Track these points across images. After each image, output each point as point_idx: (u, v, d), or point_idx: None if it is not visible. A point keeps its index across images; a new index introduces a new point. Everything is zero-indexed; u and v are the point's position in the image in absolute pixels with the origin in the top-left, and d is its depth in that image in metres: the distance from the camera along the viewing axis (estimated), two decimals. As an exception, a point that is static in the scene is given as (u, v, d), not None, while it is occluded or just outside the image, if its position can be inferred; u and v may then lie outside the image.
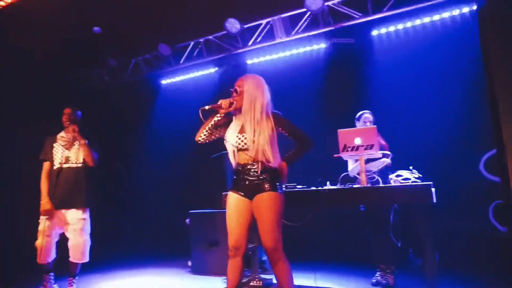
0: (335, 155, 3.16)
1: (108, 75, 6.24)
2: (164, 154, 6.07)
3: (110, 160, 6.16)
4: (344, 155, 3.14)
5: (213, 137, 2.56)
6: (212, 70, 6.06)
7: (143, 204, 6.21)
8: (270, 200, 2.31)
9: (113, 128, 6.22)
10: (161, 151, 6.08)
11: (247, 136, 2.37)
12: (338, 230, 4.77)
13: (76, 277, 3.53)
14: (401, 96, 4.67)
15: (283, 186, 2.44)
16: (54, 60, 5.20)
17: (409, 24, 4.81)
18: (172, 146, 5.95)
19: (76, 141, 3.54)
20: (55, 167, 3.49)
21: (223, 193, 3.68)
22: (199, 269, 4.52)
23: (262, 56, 5.69)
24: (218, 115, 2.48)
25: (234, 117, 2.50)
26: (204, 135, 2.53)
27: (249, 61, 5.81)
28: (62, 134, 3.61)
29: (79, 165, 3.53)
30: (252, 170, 2.37)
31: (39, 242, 3.36)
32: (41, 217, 3.40)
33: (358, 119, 3.78)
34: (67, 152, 3.52)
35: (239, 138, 2.41)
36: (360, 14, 4.57)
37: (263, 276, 3.83)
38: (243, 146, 2.39)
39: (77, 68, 5.99)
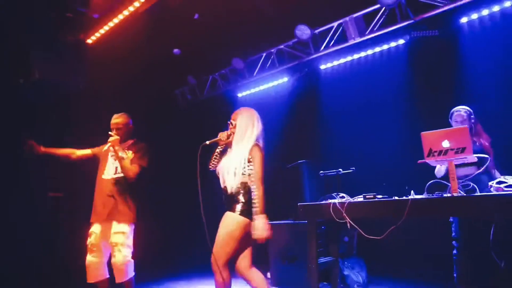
0: (419, 161, 2.82)
1: (190, 93, 6.63)
2: None
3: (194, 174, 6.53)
4: (430, 161, 2.77)
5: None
6: (285, 79, 6.02)
7: (220, 215, 6.37)
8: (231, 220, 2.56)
9: (194, 143, 6.56)
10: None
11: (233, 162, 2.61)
12: (424, 244, 4.27)
13: None
14: (503, 89, 4.02)
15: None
16: (141, 84, 5.69)
17: (508, 3, 4.13)
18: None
19: (125, 151, 3.26)
20: (103, 176, 3.26)
21: (299, 203, 3.56)
22: (279, 282, 4.42)
23: (335, 60, 5.47)
24: (219, 146, 2.77)
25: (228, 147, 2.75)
26: (214, 164, 2.80)
27: (322, 67, 5.63)
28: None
29: (120, 175, 3.22)
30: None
31: (87, 259, 3.13)
32: (91, 230, 3.17)
33: (451, 117, 3.37)
34: (116, 163, 3.26)
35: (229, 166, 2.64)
36: (445, 1, 4.08)
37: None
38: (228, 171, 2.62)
39: (162, 89, 6.48)
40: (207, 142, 2.68)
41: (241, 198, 2.59)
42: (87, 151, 3.42)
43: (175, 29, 4.89)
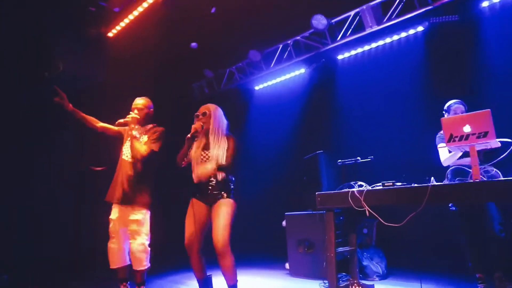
0: (440, 146, 2.77)
1: (207, 87, 6.69)
2: (259, 157, 6.20)
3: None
4: (451, 147, 2.72)
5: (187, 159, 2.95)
6: (302, 70, 5.99)
7: (239, 206, 6.41)
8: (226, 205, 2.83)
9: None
10: (256, 155, 6.22)
11: (211, 151, 2.84)
12: (445, 231, 4.19)
13: (143, 286, 3.13)
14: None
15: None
16: (159, 77, 5.76)
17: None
18: (266, 149, 6.07)
19: (141, 135, 3.21)
20: (124, 158, 3.21)
21: (317, 193, 3.56)
22: (297, 272, 4.45)
23: (353, 50, 5.40)
24: (196, 138, 2.91)
25: (196, 138, 2.92)
26: (185, 161, 2.93)
27: (339, 57, 5.58)
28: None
29: (133, 160, 3.15)
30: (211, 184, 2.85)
31: (108, 245, 3.15)
32: (110, 217, 3.17)
33: (448, 110, 3.31)
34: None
35: (202, 154, 2.88)
36: (465, -14, 3.98)
37: (363, 281, 3.55)
38: (204, 159, 2.86)
39: (179, 83, 6.56)
40: (189, 136, 2.85)
41: (226, 185, 2.87)
42: (112, 126, 3.34)
43: (192, 23, 4.94)
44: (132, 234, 3.08)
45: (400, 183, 2.97)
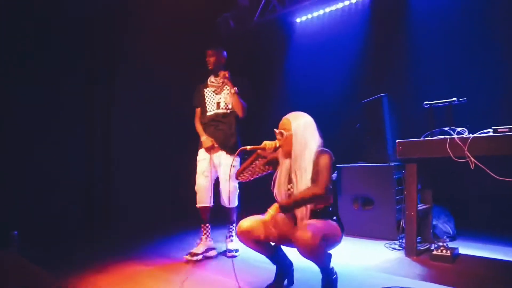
0: None
1: (236, 20, 5.79)
2: (300, 102, 5.34)
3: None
4: None
5: (255, 176, 2.36)
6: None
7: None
8: None
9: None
10: (297, 100, 5.41)
11: (294, 188, 2.10)
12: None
13: (233, 224, 3.31)
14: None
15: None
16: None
17: None
18: (308, 94, 5.26)
19: (226, 86, 3.33)
20: (207, 113, 3.35)
21: (398, 140, 2.92)
22: (349, 231, 3.84)
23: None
24: (259, 158, 2.28)
25: (280, 161, 2.20)
26: (245, 176, 2.34)
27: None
28: (211, 79, 3.43)
29: (228, 111, 3.33)
30: None
31: (198, 183, 3.27)
32: (198, 158, 3.33)
33: None
34: (217, 98, 3.35)
35: (288, 190, 2.14)
36: None
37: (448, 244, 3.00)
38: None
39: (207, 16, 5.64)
40: (248, 148, 2.20)
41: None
42: (198, 111, 3.46)
43: None
44: (227, 176, 3.17)
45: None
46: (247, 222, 2.11)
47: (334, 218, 2.10)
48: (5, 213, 3.69)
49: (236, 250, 3.17)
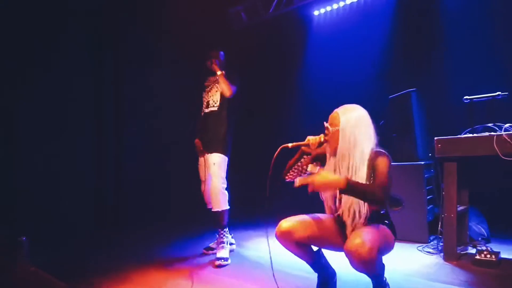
0: None
1: (250, 12, 5.60)
2: (318, 100, 5.16)
3: (256, 114, 5.81)
4: None
5: (304, 175, 2.07)
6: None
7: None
8: None
9: (259, 75, 5.61)
10: (315, 98, 5.23)
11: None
12: None
13: (225, 229, 3.14)
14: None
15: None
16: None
17: None
18: (327, 90, 5.06)
19: (216, 85, 3.32)
20: (202, 114, 3.37)
21: (436, 138, 2.76)
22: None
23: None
24: (305, 155, 2.10)
25: (327, 157, 2.01)
26: (292, 175, 2.11)
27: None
28: (207, 80, 3.47)
29: (216, 108, 3.28)
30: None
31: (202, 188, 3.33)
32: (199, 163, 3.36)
33: None
34: (208, 97, 3.36)
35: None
36: None
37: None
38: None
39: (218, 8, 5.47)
40: (289, 145, 1.99)
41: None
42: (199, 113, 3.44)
43: None
44: (213, 176, 3.16)
45: None
46: (288, 222, 1.92)
47: (386, 222, 1.94)
48: (13, 218, 3.60)
49: (226, 259, 2.91)
